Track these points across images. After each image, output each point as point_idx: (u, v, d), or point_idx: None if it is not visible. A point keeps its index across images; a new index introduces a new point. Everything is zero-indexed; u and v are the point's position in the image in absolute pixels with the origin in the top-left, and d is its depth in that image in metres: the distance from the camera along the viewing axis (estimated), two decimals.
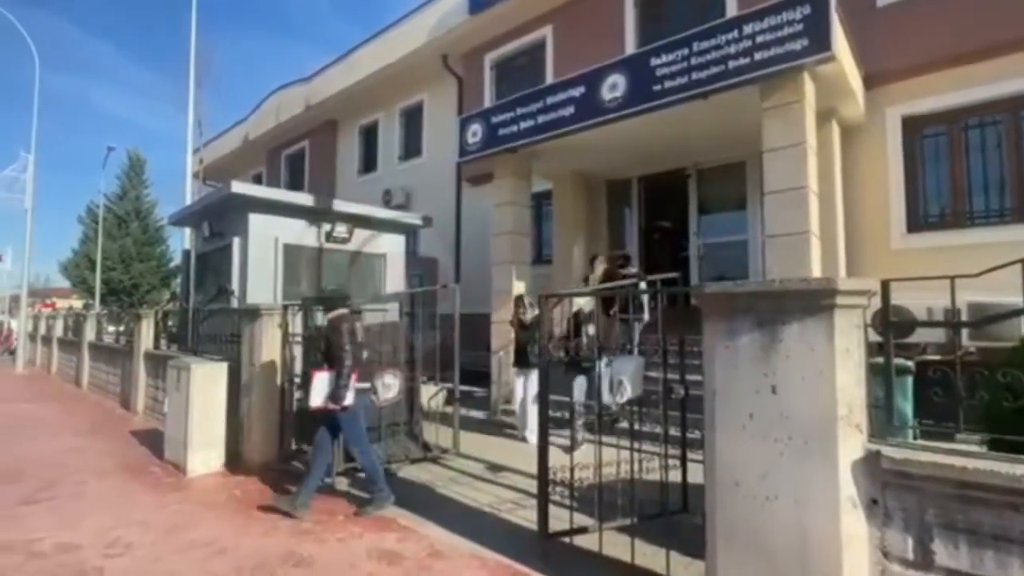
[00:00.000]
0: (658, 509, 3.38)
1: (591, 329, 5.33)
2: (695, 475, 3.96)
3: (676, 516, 3.44)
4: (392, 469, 5.14)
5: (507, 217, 7.99)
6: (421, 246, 11.96)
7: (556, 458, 3.53)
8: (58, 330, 14.35)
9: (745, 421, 2.26)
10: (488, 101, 10.79)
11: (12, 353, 16.31)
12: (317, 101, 14.74)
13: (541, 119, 7.16)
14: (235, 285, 7.14)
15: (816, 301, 2.08)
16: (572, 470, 3.35)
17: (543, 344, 3.39)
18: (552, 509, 3.45)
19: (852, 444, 2.07)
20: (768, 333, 2.20)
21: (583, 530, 3.30)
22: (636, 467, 3.31)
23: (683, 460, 3.65)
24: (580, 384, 5.17)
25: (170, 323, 9.80)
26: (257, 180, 18.22)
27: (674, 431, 3.58)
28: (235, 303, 6.96)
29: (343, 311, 4.53)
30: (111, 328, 12.16)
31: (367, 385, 4.49)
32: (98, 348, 11.36)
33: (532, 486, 4.52)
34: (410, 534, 3.74)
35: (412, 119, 13.64)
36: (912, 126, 6.95)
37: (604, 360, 3.31)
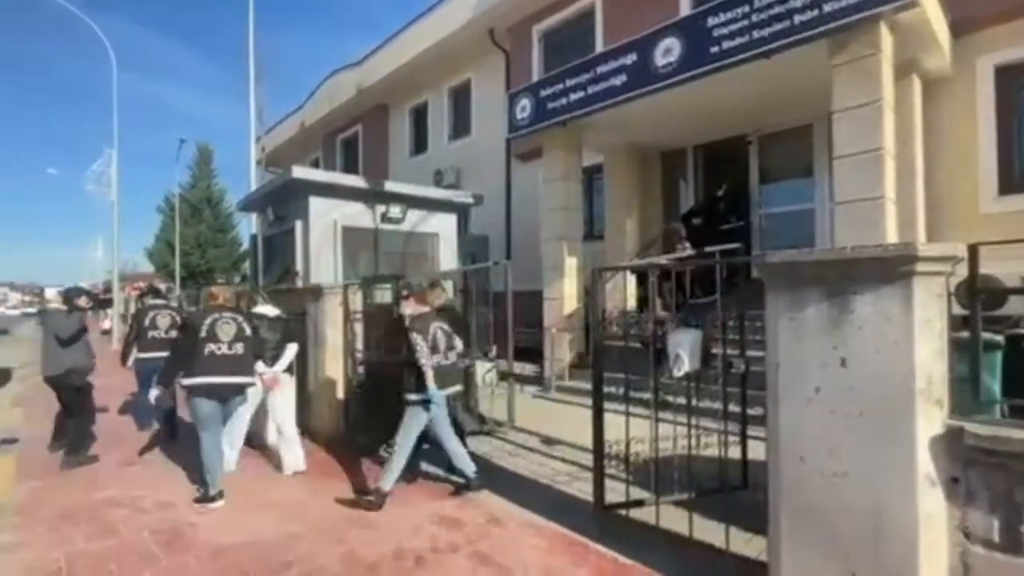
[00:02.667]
0: (716, 485, 3.33)
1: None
2: (755, 452, 3.87)
3: (736, 492, 3.37)
4: None
5: (557, 192, 7.91)
6: (472, 224, 12.06)
7: (611, 432, 3.53)
8: None
9: (811, 395, 2.17)
10: (536, 75, 10.60)
11: (106, 333, 17.92)
12: (368, 85, 15.00)
13: (591, 90, 6.97)
14: (299, 266, 7.49)
15: (893, 268, 1.95)
16: (628, 444, 3.34)
17: (598, 320, 3.37)
18: (607, 483, 3.48)
19: (931, 420, 1.95)
20: (838, 303, 2.08)
21: (639, 503, 3.31)
22: (694, 443, 3.27)
23: (743, 436, 3.56)
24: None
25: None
26: (314, 165, 18.87)
27: (733, 407, 3.49)
28: (299, 283, 7.32)
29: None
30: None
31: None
32: None
33: (586, 459, 4.57)
34: (468, 502, 3.88)
35: (460, 98, 13.64)
36: (1006, 76, 6.25)
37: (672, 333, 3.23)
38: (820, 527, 2.14)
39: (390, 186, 8.13)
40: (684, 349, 2.84)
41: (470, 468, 3.95)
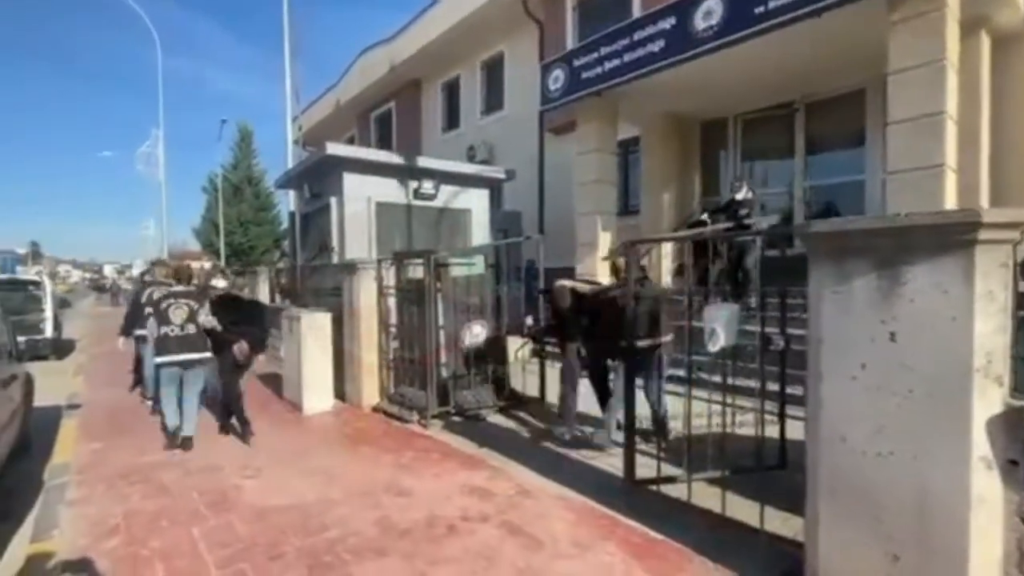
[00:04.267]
0: (752, 464, 3.26)
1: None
2: (794, 432, 3.75)
3: (772, 472, 3.29)
4: (481, 414, 5.39)
5: (592, 165, 7.74)
6: (505, 200, 11.99)
7: (642, 408, 3.48)
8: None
9: (856, 372, 2.06)
10: (570, 45, 10.28)
11: None
12: (400, 61, 14.92)
13: (628, 57, 6.72)
14: (334, 242, 7.63)
15: (952, 237, 1.80)
16: (663, 419, 3.28)
17: (629, 295, 3.30)
18: (638, 459, 3.45)
19: (990, 399, 1.82)
20: (888, 275, 1.95)
21: (671, 479, 3.27)
22: (729, 421, 3.18)
23: (781, 415, 3.46)
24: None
25: (282, 279, 10.79)
26: (349, 143, 19.03)
27: (771, 385, 3.38)
28: (335, 259, 7.46)
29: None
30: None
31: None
32: None
33: (616, 435, 4.55)
34: (498, 473, 3.93)
35: (493, 72, 13.42)
36: None
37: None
38: (862, 508, 2.06)
39: (422, 161, 8.12)
40: (720, 324, 2.74)
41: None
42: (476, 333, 5.44)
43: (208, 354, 4.84)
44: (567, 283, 4.55)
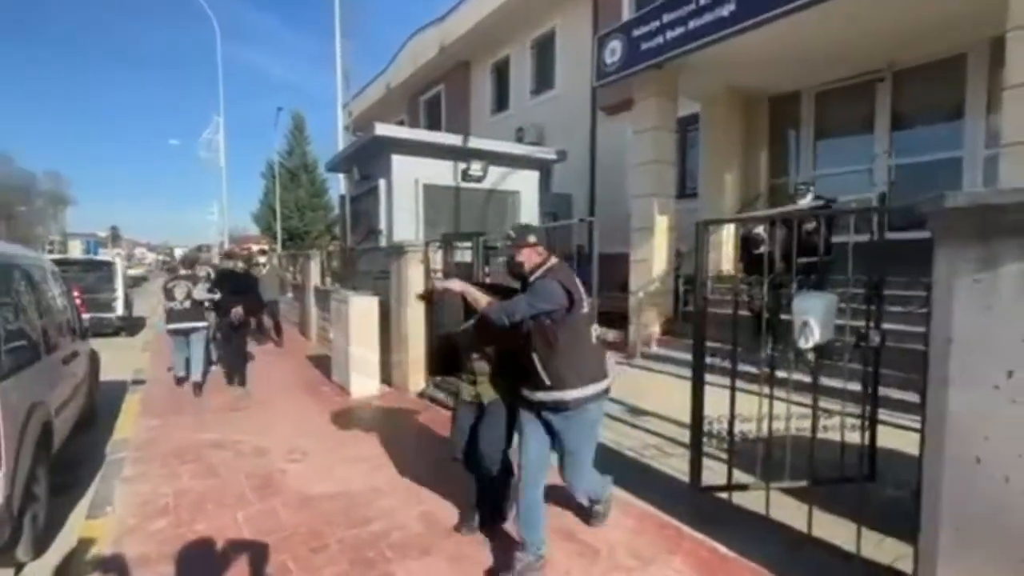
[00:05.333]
0: (837, 474, 2.87)
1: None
2: (885, 439, 3.33)
3: (856, 484, 2.89)
4: None
5: (649, 144, 7.26)
6: (554, 183, 11.64)
7: (707, 407, 3.14)
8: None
9: (1000, 380, 1.67)
10: (627, 16, 9.73)
11: None
12: (450, 41, 14.70)
13: (692, 24, 6.18)
14: (382, 225, 7.56)
15: None
16: (732, 419, 2.94)
17: (702, 280, 2.96)
18: (704, 462, 3.12)
19: None
20: None
21: (743, 487, 2.93)
22: (809, 425, 2.81)
23: (873, 420, 3.04)
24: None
25: (333, 263, 10.93)
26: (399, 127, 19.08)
27: (857, 387, 2.97)
28: (383, 242, 7.39)
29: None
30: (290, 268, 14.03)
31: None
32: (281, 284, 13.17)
33: (676, 433, 4.23)
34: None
35: (544, 50, 12.98)
36: None
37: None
38: (1001, 546, 1.68)
39: (471, 141, 7.89)
40: (815, 316, 2.37)
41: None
42: None
43: (203, 323, 6.14)
44: (454, 285, 2.50)
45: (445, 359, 2.87)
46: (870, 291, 2.66)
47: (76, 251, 31.75)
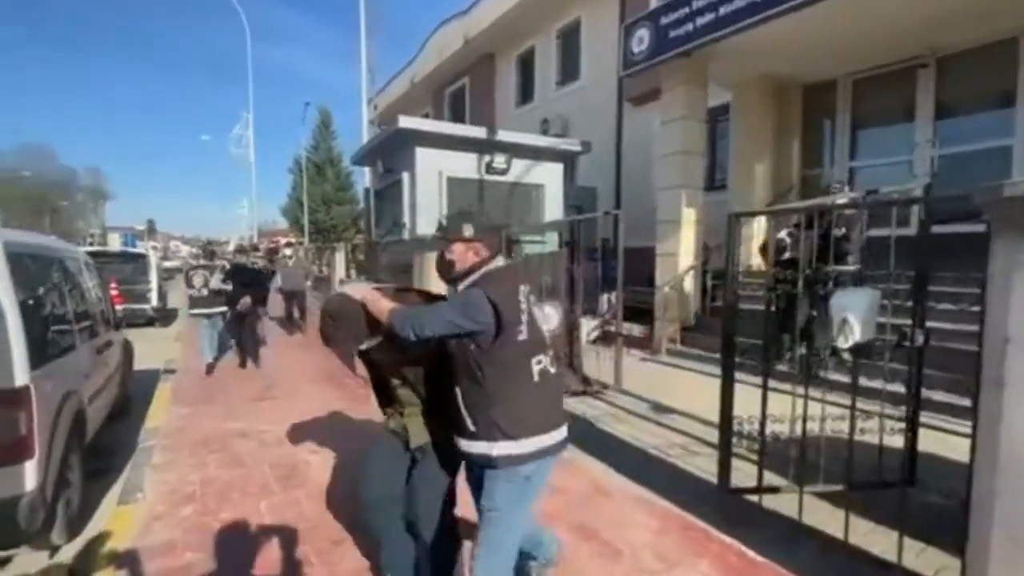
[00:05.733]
0: (873, 478, 2.74)
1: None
2: (924, 443, 3.18)
3: (896, 489, 2.75)
4: None
5: (678, 135, 7.08)
6: (579, 175, 11.50)
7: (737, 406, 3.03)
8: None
9: None
10: (655, 4, 9.51)
11: None
12: (474, 34, 14.62)
13: (723, 10, 5.98)
14: (406, 218, 7.57)
15: None
16: (764, 420, 2.83)
17: (730, 279, 2.84)
18: (732, 463, 3.01)
19: None
20: None
21: (774, 489, 2.82)
22: (845, 426, 2.68)
23: (914, 423, 2.89)
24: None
25: (358, 255, 11.05)
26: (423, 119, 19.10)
27: (897, 388, 2.83)
28: (406, 235, 7.41)
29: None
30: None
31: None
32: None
33: (703, 432, 4.12)
34: (569, 466, 3.62)
35: (569, 40, 12.80)
36: None
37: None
38: None
39: (494, 134, 7.83)
40: (855, 313, 2.24)
41: None
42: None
43: (220, 308, 6.61)
44: (354, 291, 1.94)
45: (376, 386, 2.18)
46: (918, 287, 2.50)
47: (115, 244, 32.91)
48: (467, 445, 1.80)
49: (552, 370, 1.84)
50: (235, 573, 2.47)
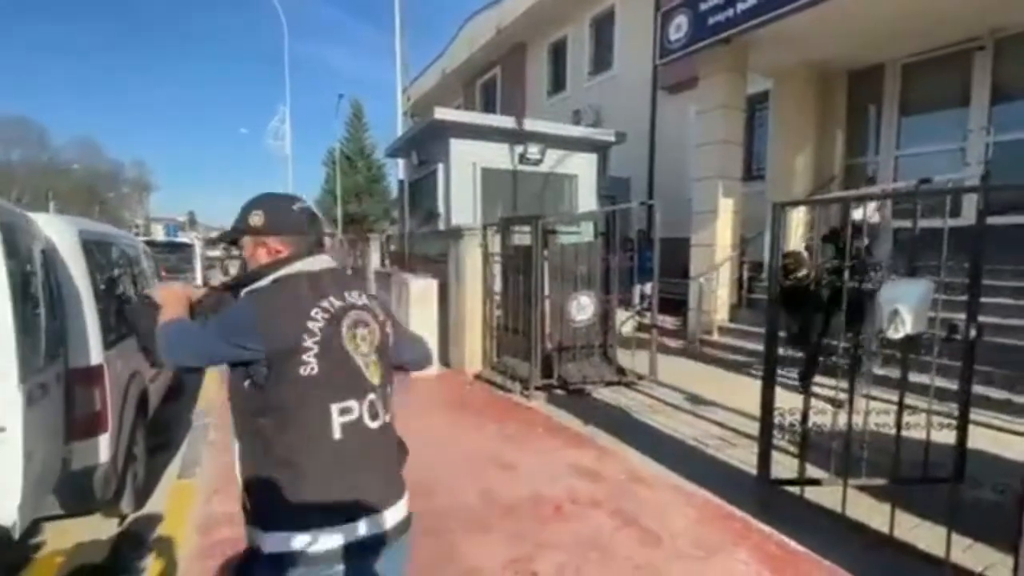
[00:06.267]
0: (918, 473, 2.69)
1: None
2: (974, 439, 3.10)
3: (943, 485, 2.69)
4: (586, 389, 5.15)
5: (716, 124, 6.95)
6: (612, 166, 11.39)
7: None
8: None
9: None
10: None
11: None
12: (507, 23, 14.58)
13: None
14: (440, 208, 7.67)
15: None
16: (806, 410, 2.81)
17: (773, 270, 2.82)
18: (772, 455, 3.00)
19: None
20: None
21: (815, 482, 2.80)
22: (891, 420, 2.64)
23: (964, 418, 2.81)
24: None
25: (391, 246, 11.26)
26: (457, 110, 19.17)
27: (945, 383, 2.75)
28: (441, 226, 7.51)
29: None
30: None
31: None
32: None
33: (741, 424, 4.11)
34: (607, 454, 3.68)
35: (603, 28, 12.63)
36: None
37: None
38: None
39: (528, 124, 7.83)
40: (907, 304, 2.20)
41: None
42: (583, 305, 5.17)
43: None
44: (160, 292, 1.50)
45: None
46: (972, 279, 2.43)
47: (159, 234, 34.34)
48: (247, 532, 1.23)
49: (372, 424, 1.27)
50: None
